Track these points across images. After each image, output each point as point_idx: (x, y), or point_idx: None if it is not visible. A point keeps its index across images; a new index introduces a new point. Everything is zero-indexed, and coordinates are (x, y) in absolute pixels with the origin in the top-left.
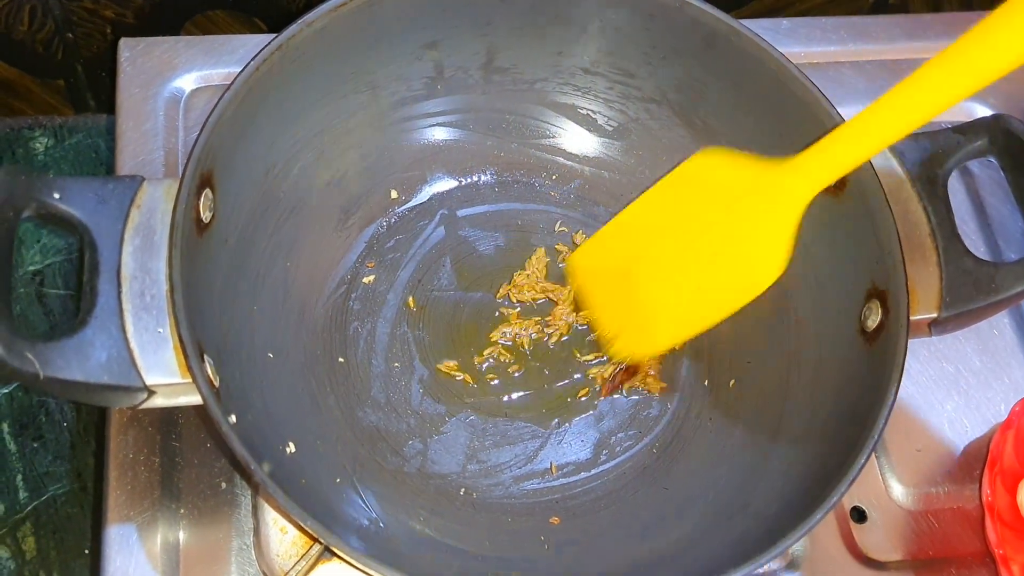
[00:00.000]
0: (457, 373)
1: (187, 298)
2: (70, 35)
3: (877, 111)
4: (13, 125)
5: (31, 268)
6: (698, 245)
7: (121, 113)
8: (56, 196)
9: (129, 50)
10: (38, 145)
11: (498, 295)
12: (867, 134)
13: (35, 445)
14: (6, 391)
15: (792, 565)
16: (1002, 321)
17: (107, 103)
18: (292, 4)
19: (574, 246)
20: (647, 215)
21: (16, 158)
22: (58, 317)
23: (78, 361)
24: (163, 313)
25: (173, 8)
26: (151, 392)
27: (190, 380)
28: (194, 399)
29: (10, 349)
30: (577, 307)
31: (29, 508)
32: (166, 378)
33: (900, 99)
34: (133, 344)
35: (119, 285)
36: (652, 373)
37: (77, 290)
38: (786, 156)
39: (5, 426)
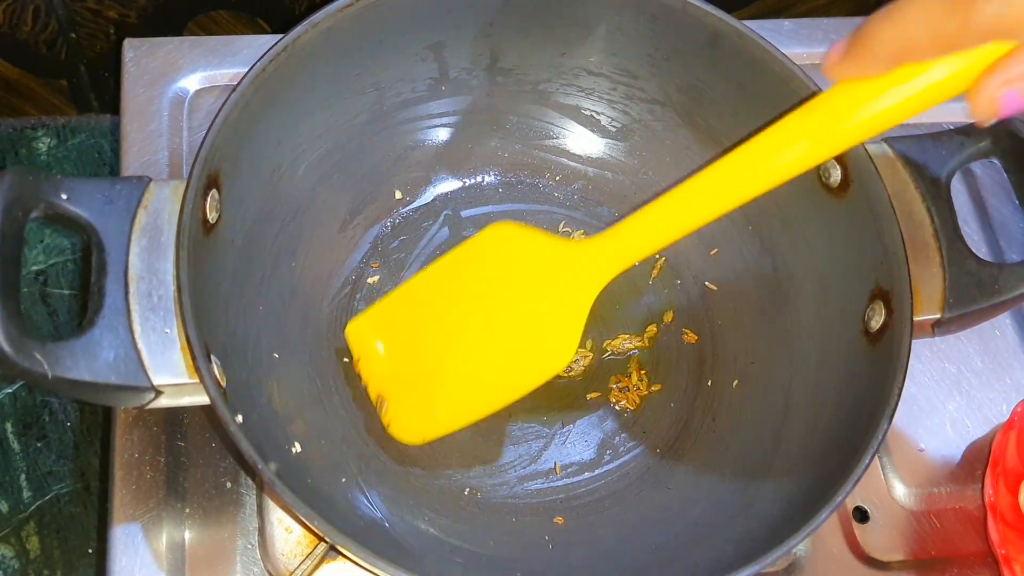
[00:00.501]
0: None
1: (194, 298)
2: (73, 35)
3: (669, 203)
4: (16, 125)
5: (35, 268)
6: (486, 322)
7: (126, 114)
8: (64, 197)
9: (133, 51)
10: (41, 145)
11: None
12: (661, 223)
13: (39, 445)
14: (9, 391)
15: (794, 565)
16: (1004, 322)
17: (110, 103)
18: (295, 4)
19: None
20: (435, 287)
21: (19, 158)
22: (62, 317)
23: (86, 361)
24: (170, 313)
25: (176, 8)
26: (158, 392)
27: (197, 380)
28: (200, 399)
29: (19, 349)
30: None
31: (33, 507)
32: (173, 378)
33: (693, 192)
34: (140, 344)
35: (126, 285)
36: (643, 372)
37: (81, 290)
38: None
39: (9, 426)
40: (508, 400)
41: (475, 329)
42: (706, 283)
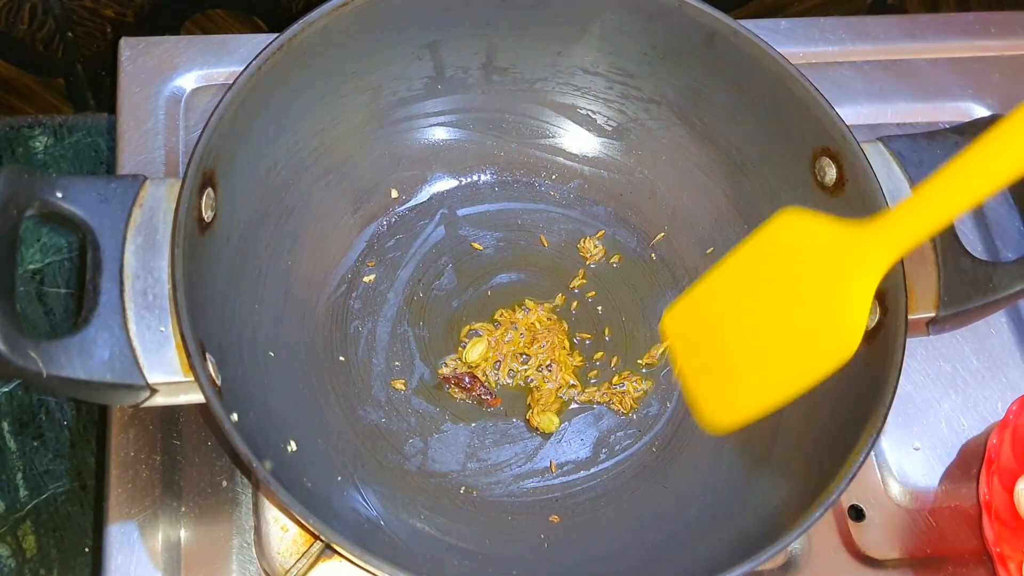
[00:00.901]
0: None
1: (189, 297)
2: (70, 34)
3: (961, 170)
4: (13, 124)
5: (31, 267)
6: (778, 310)
7: (122, 112)
8: (59, 195)
9: (130, 49)
10: (38, 144)
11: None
12: (952, 194)
13: (35, 443)
14: (6, 389)
15: (790, 563)
16: (999, 320)
17: (107, 102)
18: (292, 3)
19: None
20: (732, 276)
21: (16, 156)
22: (58, 316)
23: (81, 359)
24: (165, 312)
25: (173, 7)
26: (153, 390)
27: (192, 379)
28: (195, 397)
29: (13, 347)
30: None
31: (29, 506)
32: (168, 376)
33: (989, 153)
34: (136, 342)
35: (122, 284)
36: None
37: (77, 289)
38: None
39: (5, 424)
40: (805, 387)
41: (771, 318)
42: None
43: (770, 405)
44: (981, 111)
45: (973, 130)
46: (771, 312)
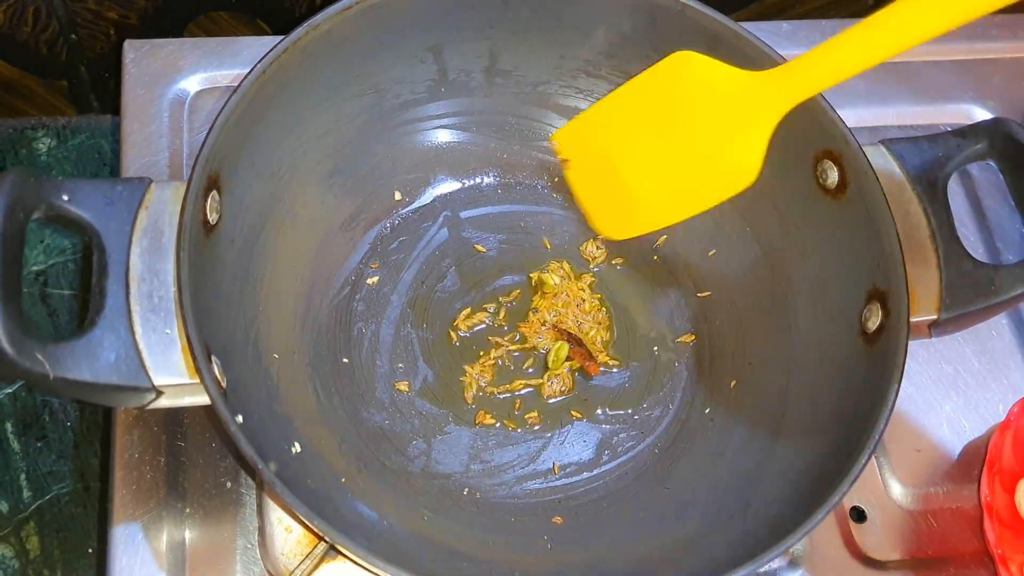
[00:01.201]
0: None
1: (195, 299)
2: (74, 36)
3: (864, 30)
4: (16, 126)
5: (35, 268)
6: (673, 141)
7: (126, 115)
8: (65, 198)
9: (134, 52)
10: (41, 145)
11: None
12: (850, 53)
13: (39, 444)
14: (9, 390)
15: (792, 565)
16: (1000, 323)
17: (110, 104)
18: (295, 6)
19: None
20: (626, 105)
21: (19, 158)
22: (62, 317)
23: (87, 362)
24: (171, 314)
25: (176, 10)
26: (159, 392)
27: (198, 381)
28: (200, 399)
29: (20, 350)
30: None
31: (33, 507)
32: (174, 379)
33: (893, 19)
34: (142, 345)
35: (127, 286)
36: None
37: (81, 290)
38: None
39: (9, 425)
40: (696, 211)
41: (666, 146)
42: (703, 284)
43: (663, 221)
44: (982, 113)
45: (975, 133)
46: (666, 140)
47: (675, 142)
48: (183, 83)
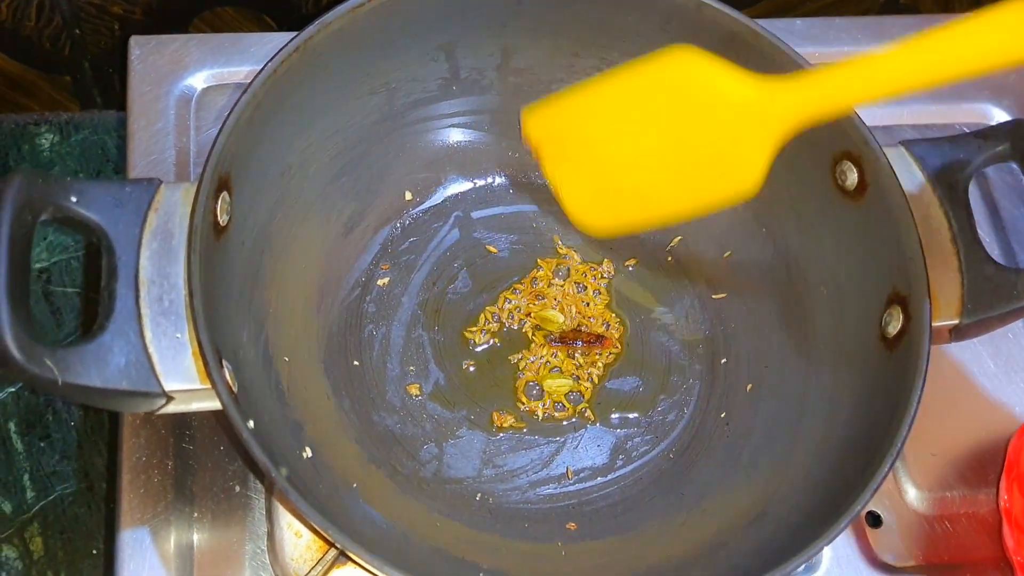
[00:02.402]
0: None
1: (206, 303)
2: (78, 31)
3: (904, 54)
4: (19, 121)
5: (37, 266)
6: (666, 142)
7: (132, 112)
8: (73, 199)
9: (140, 48)
10: (44, 141)
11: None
12: (883, 73)
13: (42, 444)
14: (12, 390)
15: (807, 570)
16: (1017, 326)
17: (114, 100)
18: (302, 2)
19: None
20: (615, 94)
21: (22, 154)
22: (66, 316)
23: (97, 367)
24: (181, 318)
25: (181, 4)
26: (169, 398)
27: (209, 386)
28: (211, 404)
29: (29, 355)
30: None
31: (36, 508)
32: (185, 384)
33: (935, 45)
34: (152, 349)
35: (137, 290)
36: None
37: (84, 288)
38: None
39: (12, 425)
40: (681, 218)
41: (657, 143)
42: (719, 286)
43: (647, 222)
44: (998, 112)
45: (995, 135)
46: (657, 138)
47: (669, 143)
48: (190, 80)
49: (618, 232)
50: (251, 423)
